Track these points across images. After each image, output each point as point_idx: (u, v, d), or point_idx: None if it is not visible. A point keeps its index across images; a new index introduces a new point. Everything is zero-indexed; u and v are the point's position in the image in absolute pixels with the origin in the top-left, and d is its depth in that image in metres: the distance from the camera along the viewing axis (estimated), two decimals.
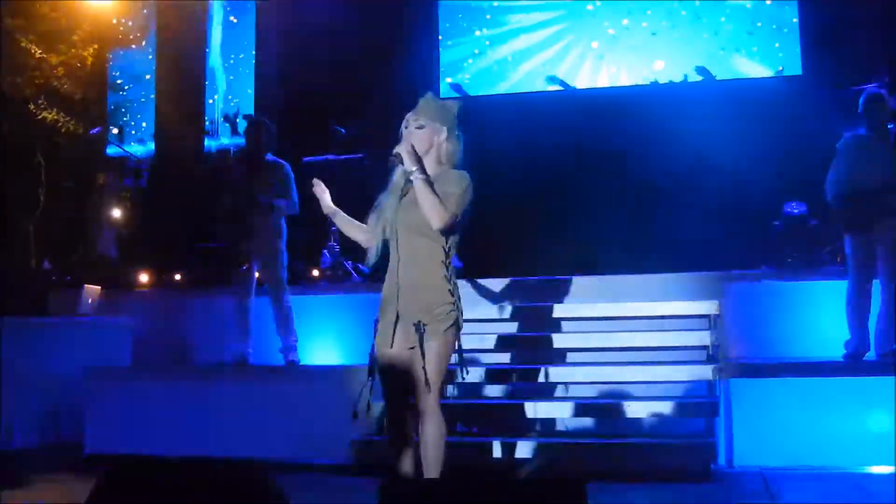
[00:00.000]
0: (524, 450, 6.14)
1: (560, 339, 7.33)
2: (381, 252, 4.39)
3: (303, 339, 7.66)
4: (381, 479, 3.01)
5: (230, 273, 7.47)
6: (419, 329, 4.13)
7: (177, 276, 10.06)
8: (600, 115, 10.14)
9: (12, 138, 11.49)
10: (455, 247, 4.32)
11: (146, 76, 12.86)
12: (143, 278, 10.06)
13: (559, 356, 7.24)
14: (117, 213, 11.58)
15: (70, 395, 7.63)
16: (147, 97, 12.85)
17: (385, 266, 4.36)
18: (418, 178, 4.13)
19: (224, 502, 2.93)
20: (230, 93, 12.59)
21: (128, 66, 13.02)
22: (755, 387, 6.33)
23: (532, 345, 7.39)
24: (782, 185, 8.64)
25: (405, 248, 4.25)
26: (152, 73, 12.85)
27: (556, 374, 6.93)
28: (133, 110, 13.02)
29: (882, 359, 6.57)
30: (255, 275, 7.51)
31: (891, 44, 9.07)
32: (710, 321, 7.24)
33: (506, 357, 7.34)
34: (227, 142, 12.23)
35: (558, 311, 7.63)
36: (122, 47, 12.80)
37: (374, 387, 4.28)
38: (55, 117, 11.53)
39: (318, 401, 6.75)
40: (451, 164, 4.32)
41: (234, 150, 7.75)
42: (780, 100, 9.68)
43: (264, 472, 3.01)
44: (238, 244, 7.23)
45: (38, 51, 11.53)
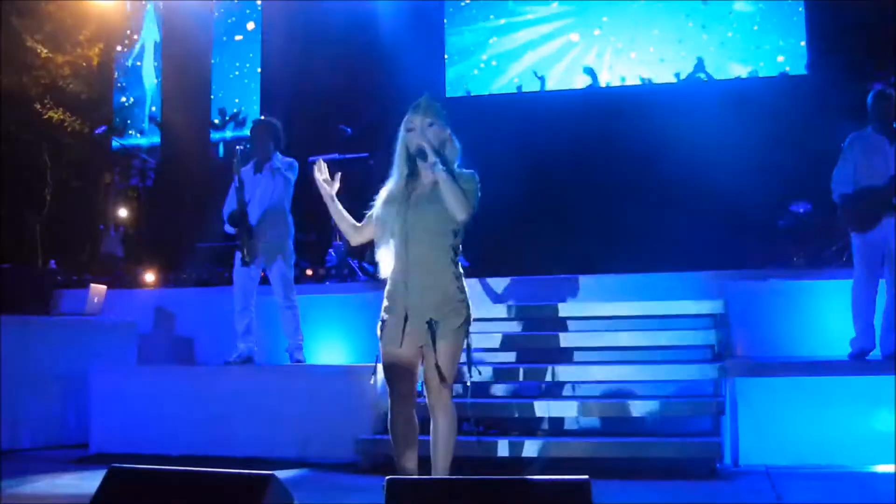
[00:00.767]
0: (531, 448, 6.13)
1: (566, 339, 7.32)
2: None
3: (308, 339, 7.66)
4: (387, 478, 3.01)
5: (234, 272, 7.47)
6: (432, 326, 4.15)
7: (182, 276, 10.08)
8: (607, 114, 10.15)
9: (19, 138, 11.53)
10: (460, 247, 4.35)
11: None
12: (149, 277, 10.08)
13: (565, 355, 7.24)
14: (123, 212, 11.61)
15: (76, 394, 7.66)
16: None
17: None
18: (441, 171, 4.15)
19: (229, 501, 2.93)
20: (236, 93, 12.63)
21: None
22: (761, 386, 6.33)
23: (538, 344, 7.38)
24: (788, 185, 8.63)
25: (416, 248, 4.25)
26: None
27: (563, 373, 6.92)
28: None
29: (887, 358, 6.55)
30: (260, 273, 7.51)
31: None
32: (716, 320, 7.22)
33: (512, 356, 7.34)
34: (232, 134, 12.26)
35: (565, 310, 7.62)
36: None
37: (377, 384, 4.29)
38: (61, 116, 11.57)
39: (323, 400, 6.77)
40: (453, 162, 4.32)
41: (241, 150, 7.73)
42: (786, 99, 9.67)
43: (270, 471, 3.02)
44: (244, 243, 7.22)
45: (45, 50, 11.56)
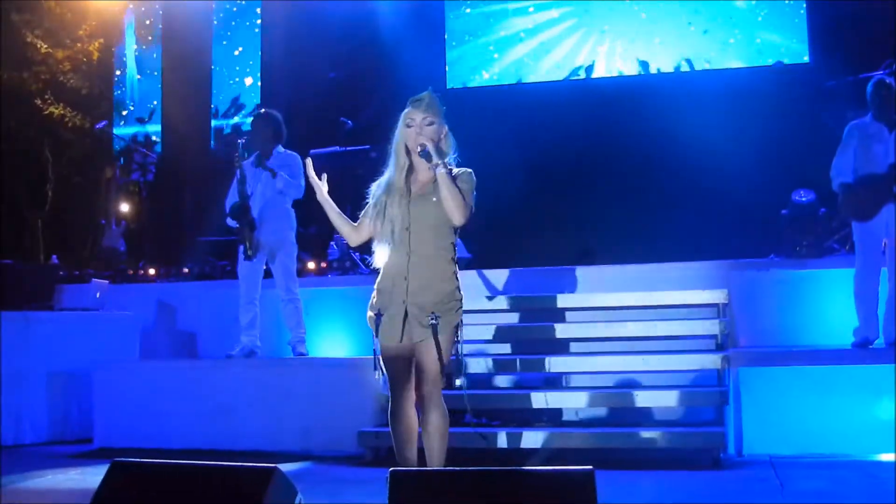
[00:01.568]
0: (533, 439, 6.13)
1: (568, 329, 7.31)
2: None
3: (310, 332, 7.67)
4: (391, 470, 3.01)
5: (238, 265, 7.47)
6: (433, 322, 4.14)
7: (184, 269, 10.08)
8: (608, 104, 10.12)
9: (19, 134, 11.54)
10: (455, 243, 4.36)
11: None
12: (151, 271, 10.08)
13: (567, 346, 7.23)
14: (125, 207, 11.61)
15: (79, 388, 7.67)
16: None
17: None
18: (442, 171, 4.13)
19: (233, 494, 2.93)
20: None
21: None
22: (764, 375, 6.33)
23: (540, 335, 7.36)
24: (790, 174, 8.60)
25: (417, 243, 4.24)
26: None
27: (565, 363, 6.92)
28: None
29: (890, 346, 6.54)
30: (264, 266, 7.51)
31: None
32: (719, 310, 7.21)
33: (513, 347, 7.34)
34: (237, 121, 12.24)
35: (566, 301, 7.60)
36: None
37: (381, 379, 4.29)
38: (62, 112, 11.56)
39: (326, 392, 6.78)
40: (447, 155, 4.30)
41: (242, 143, 7.71)
42: (788, 88, 9.65)
43: (273, 464, 3.02)
44: (246, 236, 7.22)
45: (45, 45, 11.55)
